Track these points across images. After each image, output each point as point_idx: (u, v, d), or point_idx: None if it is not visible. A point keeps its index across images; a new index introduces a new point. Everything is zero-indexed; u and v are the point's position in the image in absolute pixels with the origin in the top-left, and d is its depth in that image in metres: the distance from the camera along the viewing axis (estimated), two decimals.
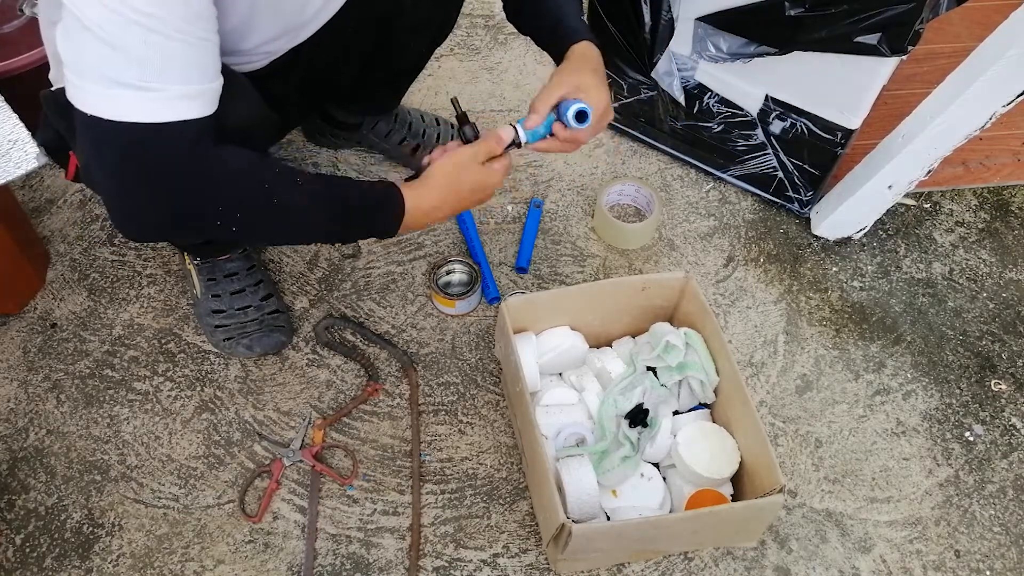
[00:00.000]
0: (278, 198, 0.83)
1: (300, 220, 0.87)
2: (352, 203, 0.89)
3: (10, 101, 1.08)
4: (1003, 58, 1.06)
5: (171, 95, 0.72)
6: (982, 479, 1.18)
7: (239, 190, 0.81)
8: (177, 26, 0.70)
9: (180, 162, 0.76)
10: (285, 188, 0.84)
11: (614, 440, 1.08)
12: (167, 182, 0.76)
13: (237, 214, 0.81)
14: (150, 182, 0.76)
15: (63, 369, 1.23)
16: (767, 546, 1.11)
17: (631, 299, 1.14)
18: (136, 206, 0.78)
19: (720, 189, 1.50)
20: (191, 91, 0.74)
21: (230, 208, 0.81)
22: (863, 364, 1.29)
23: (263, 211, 0.83)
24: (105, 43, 0.68)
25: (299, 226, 0.88)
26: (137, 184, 0.76)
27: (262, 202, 0.82)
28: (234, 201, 0.81)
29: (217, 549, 1.08)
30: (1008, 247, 1.45)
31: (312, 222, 0.88)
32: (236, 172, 0.81)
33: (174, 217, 0.80)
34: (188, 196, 0.78)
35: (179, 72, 0.72)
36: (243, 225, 0.82)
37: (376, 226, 0.92)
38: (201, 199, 0.79)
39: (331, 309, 1.31)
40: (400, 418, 1.20)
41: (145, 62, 0.70)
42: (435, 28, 1.20)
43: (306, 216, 0.86)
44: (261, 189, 0.82)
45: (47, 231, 1.39)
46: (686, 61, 1.34)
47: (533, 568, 1.07)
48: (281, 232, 0.90)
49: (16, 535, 1.08)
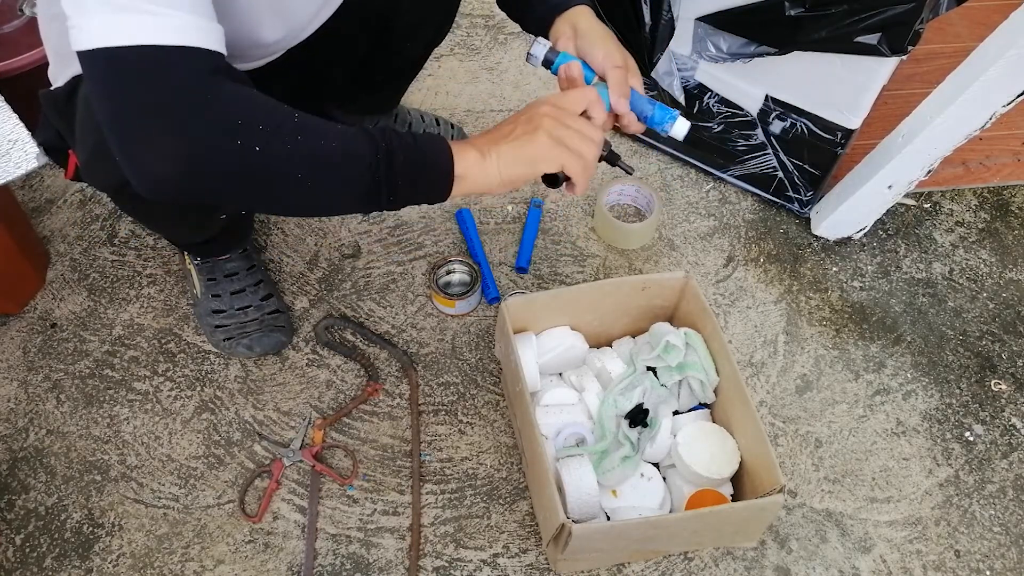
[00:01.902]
0: (304, 135, 0.72)
1: (327, 139, 0.74)
2: (391, 142, 0.76)
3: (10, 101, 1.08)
4: (1003, 58, 1.06)
5: (182, 22, 0.67)
6: (982, 479, 1.18)
7: (258, 106, 0.72)
8: None
9: (196, 87, 0.68)
10: (314, 126, 0.73)
11: (614, 440, 1.08)
12: (183, 108, 0.68)
13: (259, 126, 0.71)
14: (162, 105, 0.67)
15: (63, 369, 1.23)
16: (767, 546, 1.11)
17: (631, 299, 1.14)
18: (148, 140, 0.68)
19: (720, 189, 1.50)
20: (200, 23, 0.69)
21: (249, 126, 0.70)
22: (863, 364, 1.29)
23: (290, 151, 0.72)
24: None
25: (332, 172, 0.75)
26: (150, 114, 0.67)
27: (288, 138, 0.72)
28: (254, 117, 0.71)
29: (217, 549, 1.08)
30: (1008, 247, 1.45)
31: (343, 143, 0.75)
32: (253, 94, 0.72)
33: (192, 144, 0.69)
34: (204, 114, 0.69)
35: (186, 3, 0.68)
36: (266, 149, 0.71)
37: (427, 164, 0.78)
38: (218, 116, 0.69)
39: (331, 309, 1.31)
40: (400, 418, 1.20)
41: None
42: (433, 28, 1.20)
43: (333, 134, 0.74)
44: (290, 121, 0.72)
45: (47, 231, 1.39)
46: (686, 61, 1.34)
47: (533, 568, 1.07)
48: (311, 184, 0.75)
49: (16, 535, 1.08)
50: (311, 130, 0.73)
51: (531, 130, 0.82)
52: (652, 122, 0.95)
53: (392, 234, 1.41)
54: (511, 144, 0.82)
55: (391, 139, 0.76)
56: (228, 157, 0.70)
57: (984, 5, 1.53)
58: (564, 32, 0.97)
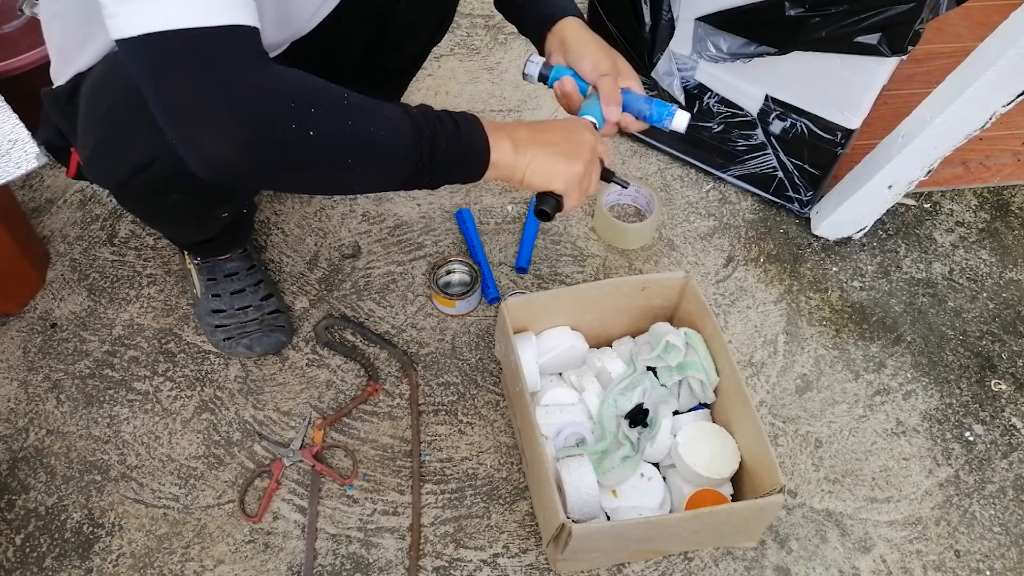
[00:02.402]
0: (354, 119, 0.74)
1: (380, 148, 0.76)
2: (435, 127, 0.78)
3: (10, 101, 1.08)
4: (1003, 58, 1.06)
5: (224, 1, 0.67)
6: (982, 479, 1.18)
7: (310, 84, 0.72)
8: None
9: (248, 69, 0.68)
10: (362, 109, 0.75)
11: (614, 440, 1.08)
12: (237, 91, 0.68)
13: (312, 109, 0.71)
14: (219, 93, 0.67)
15: (63, 369, 1.23)
16: (767, 546, 1.11)
17: (631, 299, 1.14)
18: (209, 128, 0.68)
19: (720, 189, 1.50)
20: (240, 1, 0.68)
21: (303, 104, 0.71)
22: (863, 364, 1.29)
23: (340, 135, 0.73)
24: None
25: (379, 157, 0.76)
26: (205, 98, 0.67)
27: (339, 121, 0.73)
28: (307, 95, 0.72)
29: (217, 549, 1.08)
30: (1008, 247, 1.45)
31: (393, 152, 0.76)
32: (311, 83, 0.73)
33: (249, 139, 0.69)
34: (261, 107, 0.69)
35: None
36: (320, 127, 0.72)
37: (467, 149, 0.80)
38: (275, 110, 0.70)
39: (331, 309, 1.31)
40: (400, 418, 1.20)
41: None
42: (431, 27, 1.20)
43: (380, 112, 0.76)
44: (340, 103, 0.73)
45: (47, 231, 1.39)
46: (686, 61, 1.34)
47: (533, 568, 1.07)
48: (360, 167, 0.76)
49: (16, 535, 1.08)
50: (360, 113, 0.74)
51: (574, 156, 0.85)
52: (651, 120, 0.95)
53: (392, 234, 1.41)
54: (549, 154, 0.84)
55: (434, 125, 0.78)
56: (284, 138, 0.70)
57: (984, 5, 1.53)
58: (554, 46, 1.00)
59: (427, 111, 0.80)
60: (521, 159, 0.83)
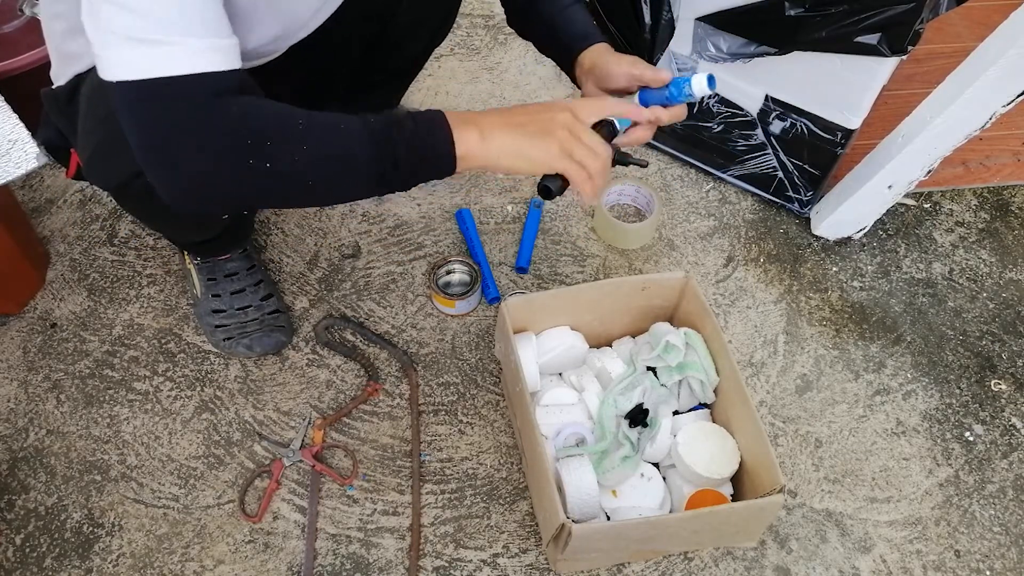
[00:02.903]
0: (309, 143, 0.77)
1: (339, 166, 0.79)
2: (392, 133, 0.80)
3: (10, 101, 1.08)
4: (1003, 58, 1.06)
5: (192, 48, 0.72)
6: (982, 479, 1.18)
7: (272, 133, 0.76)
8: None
9: (206, 113, 0.74)
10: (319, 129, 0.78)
11: (614, 440, 1.08)
12: (195, 135, 0.74)
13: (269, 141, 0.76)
14: (183, 129, 0.73)
15: (63, 369, 1.23)
16: (767, 546, 1.11)
17: (631, 299, 1.14)
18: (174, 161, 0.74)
19: (720, 189, 1.50)
20: (213, 44, 0.74)
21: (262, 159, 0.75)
22: (863, 364, 1.29)
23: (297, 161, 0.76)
24: (124, 7, 0.69)
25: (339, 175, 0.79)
26: (169, 142, 0.74)
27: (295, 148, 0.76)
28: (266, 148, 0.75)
29: (217, 549, 1.08)
30: (1008, 247, 1.45)
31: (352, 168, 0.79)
32: (266, 115, 0.77)
33: (209, 179, 0.75)
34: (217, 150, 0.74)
35: (198, 28, 0.72)
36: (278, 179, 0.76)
37: (428, 151, 0.82)
38: (231, 151, 0.75)
39: (331, 309, 1.31)
40: (400, 418, 1.20)
41: (163, 20, 0.70)
42: (433, 28, 1.20)
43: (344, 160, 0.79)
44: (296, 130, 0.76)
45: (47, 231, 1.39)
46: (686, 61, 1.34)
47: (533, 568, 1.07)
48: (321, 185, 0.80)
49: (16, 535, 1.08)
50: (316, 135, 0.78)
51: (542, 133, 0.84)
52: (675, 99, 0.92)
53: (392, 234, 1.41)
54: (517, 136, 0.84)
55: (392, 133, 0.80)
56: (241, 175, 0.76)
57: (984, 5, 1.53)
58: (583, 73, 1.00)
59: (388, 118, 0.81)
60: (490, 146, 0.83)
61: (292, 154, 0.76)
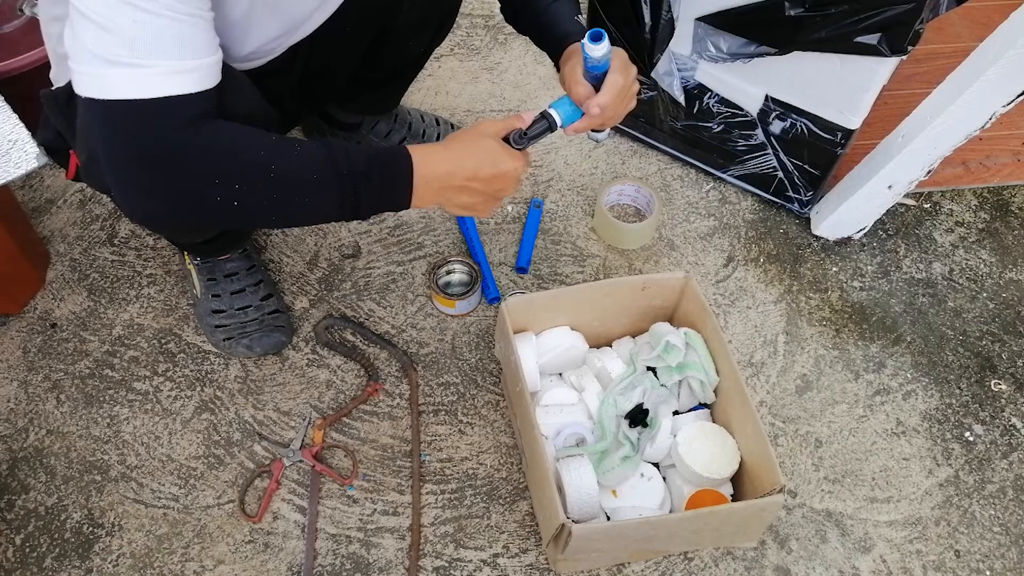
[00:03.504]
0: (276, 166, 0.78)
1: (302, 190, 0.81)
2: (357, 167, 0.83)
3: (10, 101, 1.08)
4: (1003, 58, 1.06)
5: (162, 71, 0.72)
6: (982, 479, 1.18)
7: (235, 161, 0.78)
8: (167, 3, 0.71)
9: (174, 136, 0.75)
10: (283, 156, 0.79)
11: (614, 440, 1.08)
12: (163, 157, 0.75)
13: (235, 186, 0.77)
14: (147, 158, 0.75)
15: (63, 369, 1.23)
16: (767, 546, 1.11)
17: (631, 299, 1.14)
18: (137, 186, 0.76)
19: (720, 189, 1.50)
20: (184, 66, 0.74)
21: (227, 181, 0.77)
22: (863, 364, 1.29)
23: (262, 181, 0.78)
24: (99, 25, 0.70)
25: (303, 196, 0.82)
26: (135, 162, 0.75)
27: (260, 172, 0.78)
28: (231, 173, 0.77)
29: (217, 549, 1.08)
30: (1008, 247, 1.45)
31: (316, 192, 0.82)
32: (231, 143, 0.78)
33: (175, 194, 0.77)
34: (184, 170, 0.76)
35: (170, 48, 0.72)
36: (244, 200, 0.78)
37: (385, 193, 0.86)
38: (197, 172, 0.76)
39: (331, 309, 1.31)
40: (400, 418, 1.20)
41: (136, 40, 0.70)
42: (433, 28, 1.20)
43: (308, 185, 0.81)
44: (258, 158, 0.78)
45: (47, 231, 1.39)
46: (686, 61, 1.34)
47: (533, 568, 1.07)
48: (286, 207, 0.82)
49: (16, 535, 1.08)
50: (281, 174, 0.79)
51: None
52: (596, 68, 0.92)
53: (392, 234, 1.41)
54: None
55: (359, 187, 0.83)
56: (205, 194, 0.78)
57: (984, 5, 1.53)
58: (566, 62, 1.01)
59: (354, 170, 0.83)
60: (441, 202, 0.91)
61: (257, 188, 0.78)
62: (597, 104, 0.92)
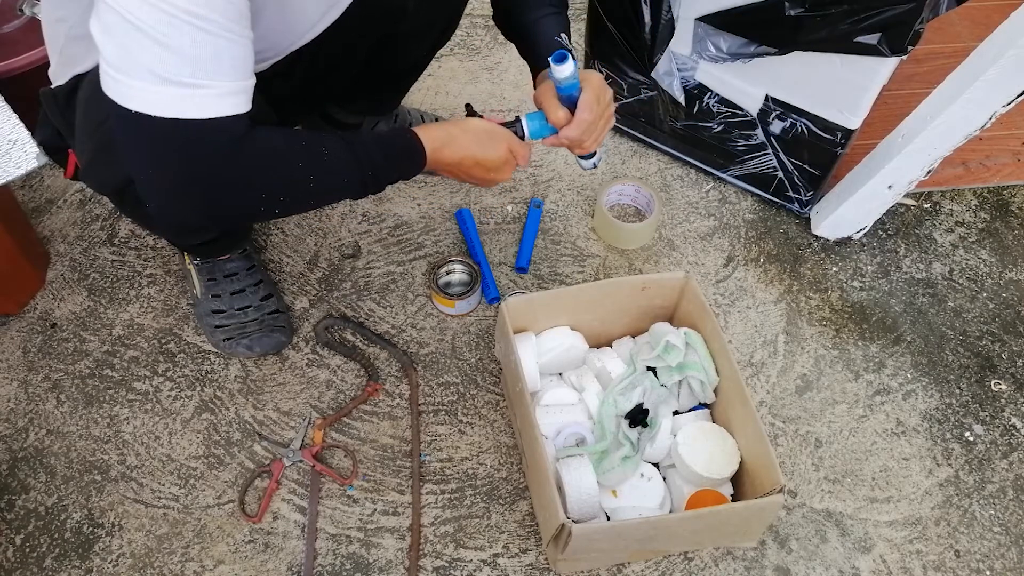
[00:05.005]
0: (314, 176, 0.85)
1: (334, 188, 0.90)
2: (376, 161, 0.90)
3: (10, 101, 1.08)
4: (1003, 58, 1.06)
5: (220, 91, 0.73)
6: (982, 479, 1.18)
7: (278, 176, 0.83)
8: (224, 24, 0.71)
9: (226, 155, 0.77)
10: (316, 164, 0.86)
11: (614, 440, 1.08)
12: (214, 175, 0.78)
13: (279, 198, 0.85)
14: (199, 176, 0.77)
15: (63, 369, 1.23)
16: (767, 546, 1.11)
17: (631, 299, 1.14)
18: (184, 201, 0.79)
19: (720, 189, 1.50)
20: (237, 87, 0.75)
21: (272, 194, 0.84)
22: (863, 364, 1.29)
23: (302, 191, 0.86)
24: (158, 43, 0.69)
25: (333, 193, 0.93)
26: (187, 179, 0.77)
27: (300, 184, 0.85)
28: (275, 188, 0.84)
29: (217, 549, 1.08)
30: (1008, 247, 1.45)
31: (343, 191, 0.92)
32: (273, 157, 0.82)
33: (220, 208, 0.82)
34: (233, 187, 0.80)
35: (226, 70, 0.73)
36: (283, 209, 0.87)
37: (403, 175, 0.96)
38: (245, 189, 0.81)
39: (331, 309, 1.31)
40: (400, 418, 1.20)
41: (197, 60, 0.71)
42: (437, 32, 1.20)
43: (338, 187, 0.90)
44: (297, 172, 0.84)
45: (47, 231, 1.39)
46: (686, 61, 1.34)
47: (533, 568, 1.07)
48: (315, 205, 0.94)
49: (16, 535, 1.08)
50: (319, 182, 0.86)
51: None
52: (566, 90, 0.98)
53: (392, 234, 1.41)
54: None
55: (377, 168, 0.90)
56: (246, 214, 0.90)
57: (984, 5, 1.53)
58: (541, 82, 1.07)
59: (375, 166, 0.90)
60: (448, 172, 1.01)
61: (298, 192, 0.85)
62: (566, 137, 1.01)
